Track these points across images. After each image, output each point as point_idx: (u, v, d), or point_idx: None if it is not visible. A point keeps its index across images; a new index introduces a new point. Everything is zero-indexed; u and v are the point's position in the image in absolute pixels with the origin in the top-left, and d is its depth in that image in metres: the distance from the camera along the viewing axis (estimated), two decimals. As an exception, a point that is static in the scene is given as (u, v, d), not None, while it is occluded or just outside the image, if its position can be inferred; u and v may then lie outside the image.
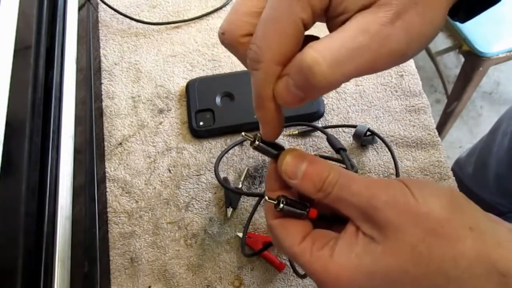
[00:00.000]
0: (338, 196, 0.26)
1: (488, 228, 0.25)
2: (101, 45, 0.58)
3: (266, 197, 0.27)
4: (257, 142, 0.28)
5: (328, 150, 0.50)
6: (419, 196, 0.25)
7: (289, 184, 0.27)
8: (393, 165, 0.47)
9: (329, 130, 0.50)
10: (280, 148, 0.28)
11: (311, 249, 0.26)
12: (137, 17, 0.59)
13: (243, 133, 0.28)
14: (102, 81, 0.55)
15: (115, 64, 0.57)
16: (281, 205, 0.27)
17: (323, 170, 0.26)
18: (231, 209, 0.47)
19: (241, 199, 0.47)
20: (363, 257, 0.25)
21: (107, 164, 0.50)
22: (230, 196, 0.47)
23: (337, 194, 0.26)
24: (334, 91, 0.54)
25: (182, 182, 0.49)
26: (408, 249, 0.24)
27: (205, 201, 0.48)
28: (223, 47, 0.27)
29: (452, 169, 0.49)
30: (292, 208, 0.27)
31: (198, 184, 0.49)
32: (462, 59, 1.05)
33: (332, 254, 0.25)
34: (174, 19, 0.59)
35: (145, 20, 0.59)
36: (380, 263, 0.24)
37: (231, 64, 0.56)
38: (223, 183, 0.45)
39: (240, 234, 0.45)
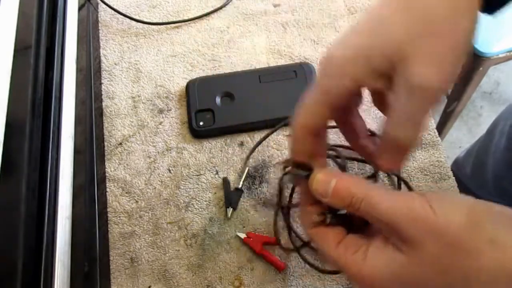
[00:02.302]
0: (365, 211, 0.28)
1: (509, 240, 0.25)
2: (101, 45, 0.58)
3: (316, 215, 0.30)
4: (288, 168, 0.30)
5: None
6: (438, 211, 0.26)
7: (322, 201, 0.29)
8: (393, 165, 0.47)
9: (329, 130, 0.50)
10: (309, 169, 0.30)
11: (345, 254, 0.28)
12: (137, 17, 0.59)
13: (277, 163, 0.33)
14: (102, 81, 0.55)
15: (115, 64, 0.57)
16: (328, 220, 0.30)
17: (350, 187, 0.28)
18: (231, 209, 0.47)
19: (241, 199, 0.47)
20: (391, 265, 0.27)
21: (107, 164, 0.50)
22: (230, 196, 0.47)
23: (364, 209, 0.28)
24: (334, 91, 0.54)
25: (182, 182, 0.49)
26: (431, 261, 0.25)
27: (205, 201, 0.48)
28: (223, 46, 0.28)
29: (451, 169, 0.49)
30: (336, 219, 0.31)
31: (198, 184, 0.49)
32: (462, 59, 1.04)
33: (365, 259, 0.28)
34: (174, 19, 0.59)
35: (145, 20, 0.59)
36: (406, 271, 0.26)
37: (231, 64, 0.56)
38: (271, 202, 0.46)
39: (240, 234, 0.45)
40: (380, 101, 0.32)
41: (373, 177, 0.46)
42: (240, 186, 0.48)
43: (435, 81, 0.25)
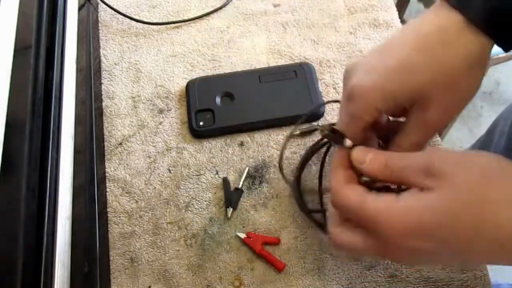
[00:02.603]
0: (401, 167, 0.31)
1: None
2: (101, 45, 0.58)
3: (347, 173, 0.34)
4: (326, 132, 0.34)
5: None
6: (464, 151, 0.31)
7: (358, 168, 0.33)
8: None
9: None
10: (343, 136, 0.34)
11: (376, 198, 0.30)
12: (137, 17, 0.59)
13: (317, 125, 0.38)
14: (102, 81, 0.55)
15: (115, 64, 0.57)
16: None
17: (384, 154, 0.33)
18: (231, 209, 0.47)
19: (241, 199, 0.47)
20: (423, 201, 0.29)
21: (107, 164, 0.50)
22: (230, 196, 0.47)
23: (399, 166, 0.31)
24: (334, 91, 0.54)
25: (182, 182, 0.49)
26: (463, 190, 0.28)
27: (205, 201, 0.48)
28: (223, 46, 0.28)
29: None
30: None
31: (198, 184, 0.49)
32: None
33: (397, 199, 0.29)
34: (174, 19, 0.60)
35: (145, 20, 0.59)
36: (437, 205, 0.28)
37: (231, 64, 0.56)
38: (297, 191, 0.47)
39: (240, 234, 0.45)
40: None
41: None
42: (240, 186, 0.48)
43: (444, 122, 0.34)
